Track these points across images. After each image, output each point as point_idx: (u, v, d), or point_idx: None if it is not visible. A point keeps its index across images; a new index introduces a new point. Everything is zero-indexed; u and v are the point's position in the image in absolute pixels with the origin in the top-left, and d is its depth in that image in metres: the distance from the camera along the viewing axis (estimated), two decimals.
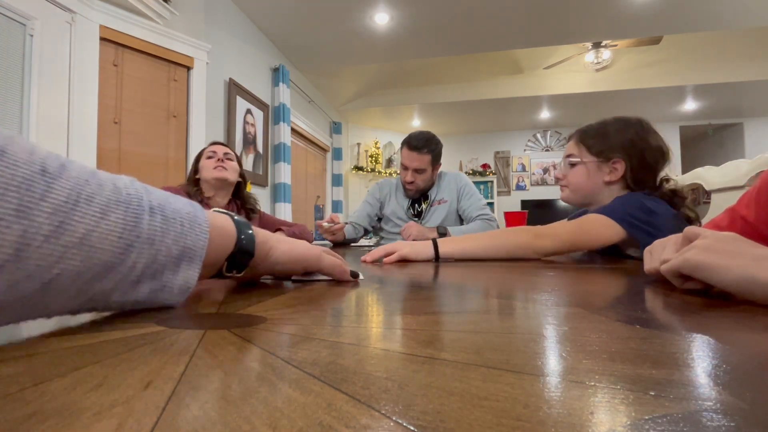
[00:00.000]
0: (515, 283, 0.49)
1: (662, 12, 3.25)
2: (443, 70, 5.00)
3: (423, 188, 1.87)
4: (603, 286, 0.45)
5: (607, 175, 1.00)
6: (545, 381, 0.17)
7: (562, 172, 1.10)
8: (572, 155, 1.06)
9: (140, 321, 0.28)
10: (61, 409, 0.14)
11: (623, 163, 0.98)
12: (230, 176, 1.53)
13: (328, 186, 5.47)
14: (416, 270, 0.65)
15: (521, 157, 6.81)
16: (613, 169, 0.99)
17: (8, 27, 1.75)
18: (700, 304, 0.35)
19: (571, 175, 1.06)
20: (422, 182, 1.83)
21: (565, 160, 1.08)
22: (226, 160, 1.54)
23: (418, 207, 1.92)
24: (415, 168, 1.78)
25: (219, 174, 1.50)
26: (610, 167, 0.99)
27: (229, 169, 1.53)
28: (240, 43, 3.11)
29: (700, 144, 6.92)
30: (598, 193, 1.02)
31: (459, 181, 1.91)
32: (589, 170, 1.02)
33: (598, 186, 1.02)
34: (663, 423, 0.13)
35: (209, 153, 1.55)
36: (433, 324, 0.27)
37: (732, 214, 0.69)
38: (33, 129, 1.80)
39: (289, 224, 1.70)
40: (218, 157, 1.53)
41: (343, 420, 0.13)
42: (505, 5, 3.13)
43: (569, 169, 1.06)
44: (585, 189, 1.04)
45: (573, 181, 1.05)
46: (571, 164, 1.05)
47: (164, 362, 0.19)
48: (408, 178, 1.81)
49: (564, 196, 1.10)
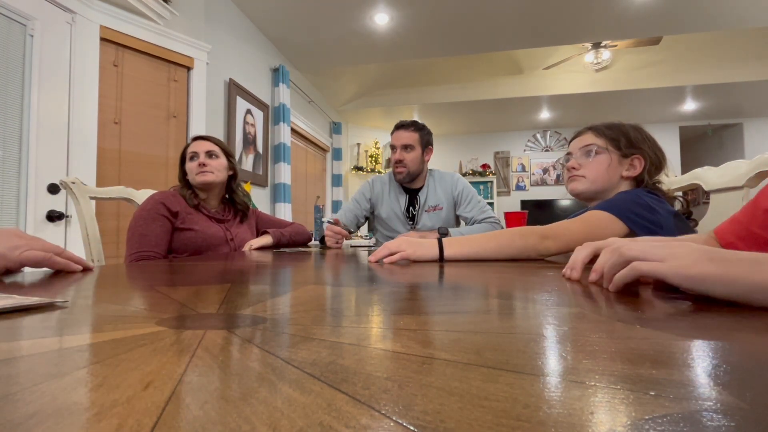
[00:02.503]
0: (515, 283, 0.49)
1: (662, 12, 3.25)
2: (443, 70, 5.00)
3: (413, 171, 1.82)
4: (602, 287, 0.45)
5: (625, 171, 1.00)
6: (545, 381, 0.17)
7: (577, 162, 1.05)
8: (594, 144, 1.03)
9: (140, 321, 0.28)
10: (61, 409, 0.14)
11: (642, 160, 0.99)
12: (216, 178, 1.39)
13: (328, 186, 5.47)
14: (417, 270, 0.65)
15: (521, 157, 6.81)
16: (631, 166, 1.00)
17: (8, 27, 1.75)
18: (700, 304, 0.35)
19: (591, 164, 1.02)
20: (411, 162, 1.80)
21: (583, 149, 1.04)
22: (210, 159, 1.39)
23: (413, 210, 1.89)
24: (403, 144, 1.79)
25: (202, 179, 1.37)
26: (629, 163, 1.00)
27: (214, 171, 1.39)
28: (240, 44, 3.11)
29: (700, 144, 6.92)
30: (613, 188, 1.01)
31: (455, 186, 1.86)
32: (611, 161, 1.01)
33: (615, 180, 1.01)
34: (663, 423, 0.13)
35: (191, 153, 1.40)
36: (433, 324, 0.27)
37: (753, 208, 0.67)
38: (33, 129, 1.80)
39: (285, 223, 1.67)
40: (200, 160, 1.37)
41: (343, 420, 0.13)
42: (505, 5, 3.13)
43: (587, 159, 1.03)
44: (603, 180, 1.01)
45: (593, 170, 1.02)
46: (591, 153, 1.02)
47: (164, 362, 0.19)
48: (396, 156, 1.81)
49: (573, 187, 1.05)
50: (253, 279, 0.54)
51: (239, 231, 1.47)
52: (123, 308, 0.33)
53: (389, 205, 1.90)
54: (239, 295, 0.39)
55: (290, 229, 1.59)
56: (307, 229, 1.68)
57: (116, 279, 0.56)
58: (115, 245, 2.09)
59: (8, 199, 1.73)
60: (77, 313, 0.32)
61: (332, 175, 5.50)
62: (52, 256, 0.60)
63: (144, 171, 2.29)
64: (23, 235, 0.60)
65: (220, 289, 0.43)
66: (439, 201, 1.86)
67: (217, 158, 1.41)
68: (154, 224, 1.26)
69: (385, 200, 1.92)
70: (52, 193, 1.87)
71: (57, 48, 1.92)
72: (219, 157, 1.42)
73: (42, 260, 0.59)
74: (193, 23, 2.57)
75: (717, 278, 0.35)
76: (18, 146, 1.77)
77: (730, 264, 0.35)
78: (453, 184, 1.88)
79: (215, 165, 1.40)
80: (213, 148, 1.42)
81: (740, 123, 6.15)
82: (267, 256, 1.05)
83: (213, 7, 2.76)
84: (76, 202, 1.31)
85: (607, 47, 4.48)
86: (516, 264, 0.76)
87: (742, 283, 0.34)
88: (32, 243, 0.59)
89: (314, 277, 0.56)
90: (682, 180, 1.36)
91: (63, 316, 0.30)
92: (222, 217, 1.44)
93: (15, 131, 1.76)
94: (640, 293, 0.40)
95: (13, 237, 0.58)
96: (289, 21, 3.31)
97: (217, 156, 1.42)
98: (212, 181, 1.39)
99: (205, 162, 1.38)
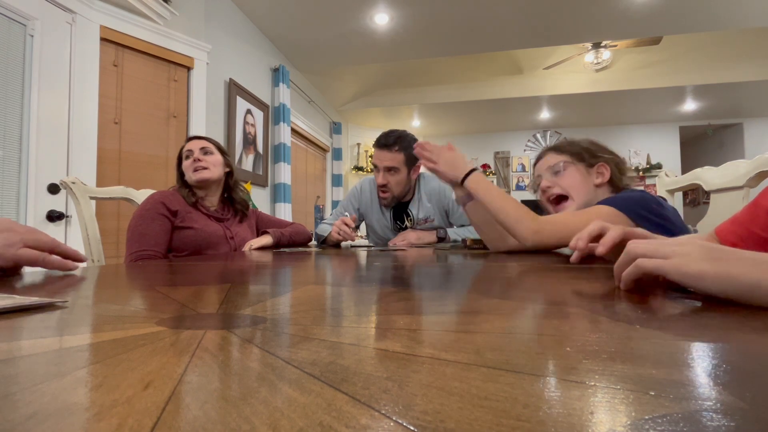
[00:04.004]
0: (515, 283, 0.49)
1: (662, 12, 3.25)
2: (443, 70, 5.00)
3: (399, 195, 1.68)
4: (603, 286, 0.45)
5: (596, 179, 1.04)
6: (545, 381, 0.17)
7: (549, 180, 1.07)
8: (560, 161, 1.06)
9: (140, 321, 0.28)
10: (61, 409, 0.14)
11: (606, 166, 1.04)
12: (211, 174, 1.39)
13: (328, 186, 5.47)
14: (417, 270, 0.65)
15: (521, 157, 6.81)
16: (599, 174, 1.04)
17: (8, 27, 1.75)
18: (700, 304, 0.35)
19: (564, 178, 1.05)
20: (396, 186, 1.65)
21: (550, 169, 1.08)
22: (204, 156, 1.40)
23: (401, 224, 1.78)
24: (386, 167, 1.61)
25: (198, 176, 1.38)
26: (596, 171, 1.04)
27: (209, 167, 1.39)
28: (240, 44, 3.11)
29: (700, 144, 6.92)
30: (593, 198, 1.03)
31: (444, 194, 1.73)
32: (581, 172, 1.04)
33: (591, 189, 1.04)
34: (663, 423, 0.13)
35: (186, 152, 1.42)
36: (434, 324, 0.27)
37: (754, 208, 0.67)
38: (33, 129, 1.80)
39: (285, 223, 1.67)
40: (194, 156, 1.39)
41: (343, 420, 0.13)
42: (505, 5, 3.13)
43: (558, 176, 1.06)
44: (584, 190, 1.03)
45: (568, 183, 1.05)
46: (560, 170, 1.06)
47: (164, 362, 0.19)
48: (380, 179, 1.63)
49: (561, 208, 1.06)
50: (253, 279, 0.54)
51: (239, 230, 1.47)
52: (123, 308, 0.33)
53: (376, 218, 1.83)
54: (239, 295, 0.39)
55: (290, 229, 1.59)
56: (307, 229, 1.67)
57: (116, 279, 0.56)
58: (115, 245, 2.09)
59: (8, 199, 1.73)
60: (77, 313, 0.32)
61: (332, 175, 5.51)
62: (46, 255, 0.59)
63: (144, 171, 2.29)
64: (17, 228, 0.58)
65: (220, 289, 0.43)
66: (428, 213, 1.75)
67: (212, 155, 1.42)
68: (154, 223, 1.26)
69: (374, 210, 1.82)
70: (52, 193, 1.87)
71: (57, 48, 1.92)
72: (214, 153, 1.43)
73: (36, 260, 0.58)
74: (193, 23, 2.57)
75: (714, 276, 0.35)
76: (18, 146, 1.77)
77: (730, 262, 0.35)
78: (442, 192, 1.74)
79: (210, 161, 1.41)
80: (207, 145, 1.43)
81: (740, 123, 6.14)
82: (267, 256, 1.05)
83: (213, 7, 2.76)
84: (76, 202, 1.31)
85: (607, 47, 4.48)
86: (516, 264, 0.76)
87: (741, 281, 0.34)
88: (27, 236, 0.58)
89: (314, 277, 0.56)
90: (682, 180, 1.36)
91: (63, 316, 0.30)
92: (221, 216, 1.44)
93: (15, 131, 1.76)
94: (645, 291, 0.40)
95: (6, 233, 0.56)
96: (289, 21, 3.31)
97: (212, 152, 1.43)
98: (208, 178, 1.39)
99: (199, 158, 1.39)
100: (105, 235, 1.74)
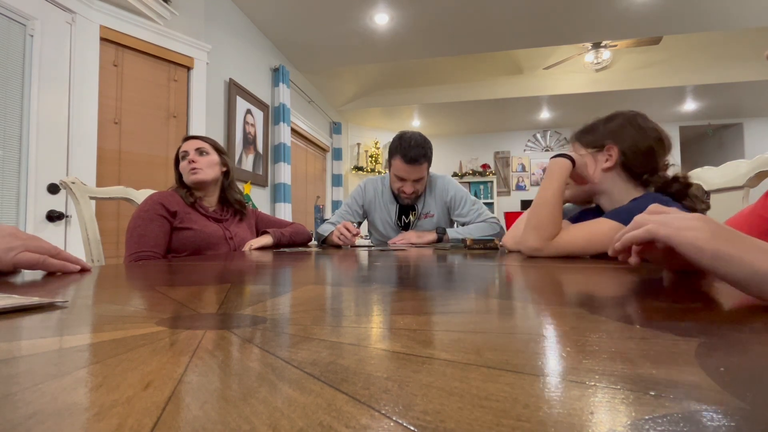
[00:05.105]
0: (515, 283, 0.49)
1: (662, 12, 3.25)
2: (443, 70, 5.00)
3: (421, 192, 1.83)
4: (603, 286, 0.45)
5: (604, 163, 1.01)
6: (545, 381, 0.17)
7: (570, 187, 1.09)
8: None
9: (140, 321, 0.28)
10: (61, 409, 0.14)
11: (615, 147, 0.99)
12: (206, 176, 1.39)
13: (328, 186, 5.47)
14: (417, 270, 0.65)
15: (521, 157, 6.81)
16: (608, 156, 1.00)
17: (8, 27, 1.75)
18: (700, 304, 0.35)
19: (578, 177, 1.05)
20: (421, 188, 1.79)
21: None
22: (199, 156, 1.39)
23: (406, 218, 1.86)
24: (414, 179, 1.73)
25: (193, 178, 1.37)
26: (605, 155, 1.00)
27: (204, 168, 1.38)
28: (240, 43, 3.11)
29: (700, 144, 6.92)
30: (603, 183, 1.01)
31: (445, 192, 1.83)
32: (587, 162, 1.03)
33: (599, 174, 1.02)
34: (663, 423, 0.13)
35: (182, 153, 1.41)
36: (433, 324, 0.27)
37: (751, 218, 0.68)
38: (33, 129, 1.80)
39: (285, 223, 1.67)
40: (190, 157, 1.37)
41: (343, 420, 0.13)
42: (505, 5, 3.13)
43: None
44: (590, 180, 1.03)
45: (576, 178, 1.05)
46: None
47: (164, 362, 0.19)
48: (408, 189, 1.74)
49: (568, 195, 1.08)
50: (252, 279, 0.54)
51: (238, 230, 1.47)
52: (123, 308, 0.33)
53: (381, 214, 1.88)
54: (239, 295, 0.39)
55: (290, 229, 1.59)
56: (307, 229, 1.67)
57: (116, 279, 0.56)
58: (115, 245, 2.09)
59: (8, 199, 1.73)
60: (77, 313, 0.32)
61: (332, 175, 5.50)
62: (46, 258, 0.58)
63: (144, 171, 2.29)
64: (20, 234, 0.58)
65: (219, 289, 0.43)
66: (429, 208, 1.84)
67: (207, 155, 1.41)
68: (153, 224, 1.26)
69: (377, 207, 1.89)
70: (52, 193, 1.87)
71: (57, 48, 1.92)
72: (209, 153, 1.42)
73: (36, 263, 0.57)
74: (193, 23, 2.57)
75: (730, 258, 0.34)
76: (18, 146, 1.77)
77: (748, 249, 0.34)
78: (444, 189, 1.84)
79: (204, 162, 1.39)
80: (202, 146, 1.42)
81: (740, 123, 6.15)
82: (267, 256, 1.05)
83: (213, 7, 2.76)
84: (75, 202, 1.31)
85: (607, 47, 4.48)
86: (516, 264, 0.76)
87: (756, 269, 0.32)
88: (29, 243, 0.58)
89: (314, 277, 0.56)
90: None
91: (63, 316, 0.30)
92: (220, 217, 1.44)
93: (15, 131, 1.76)
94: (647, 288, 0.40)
95: (8, 237, 0.57)
96: (289, 21, 3.31)
97: (207, 153, 1.42)
98: (202, 179, 1.38)
99: (194, 159, 1.38)
100: (105, 235, 1.74)
